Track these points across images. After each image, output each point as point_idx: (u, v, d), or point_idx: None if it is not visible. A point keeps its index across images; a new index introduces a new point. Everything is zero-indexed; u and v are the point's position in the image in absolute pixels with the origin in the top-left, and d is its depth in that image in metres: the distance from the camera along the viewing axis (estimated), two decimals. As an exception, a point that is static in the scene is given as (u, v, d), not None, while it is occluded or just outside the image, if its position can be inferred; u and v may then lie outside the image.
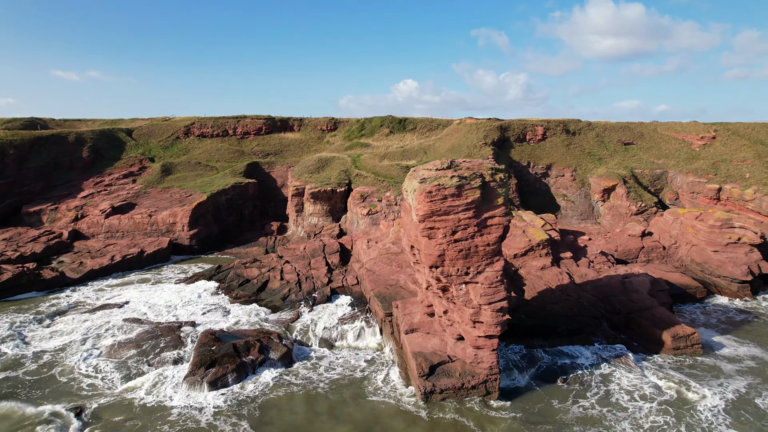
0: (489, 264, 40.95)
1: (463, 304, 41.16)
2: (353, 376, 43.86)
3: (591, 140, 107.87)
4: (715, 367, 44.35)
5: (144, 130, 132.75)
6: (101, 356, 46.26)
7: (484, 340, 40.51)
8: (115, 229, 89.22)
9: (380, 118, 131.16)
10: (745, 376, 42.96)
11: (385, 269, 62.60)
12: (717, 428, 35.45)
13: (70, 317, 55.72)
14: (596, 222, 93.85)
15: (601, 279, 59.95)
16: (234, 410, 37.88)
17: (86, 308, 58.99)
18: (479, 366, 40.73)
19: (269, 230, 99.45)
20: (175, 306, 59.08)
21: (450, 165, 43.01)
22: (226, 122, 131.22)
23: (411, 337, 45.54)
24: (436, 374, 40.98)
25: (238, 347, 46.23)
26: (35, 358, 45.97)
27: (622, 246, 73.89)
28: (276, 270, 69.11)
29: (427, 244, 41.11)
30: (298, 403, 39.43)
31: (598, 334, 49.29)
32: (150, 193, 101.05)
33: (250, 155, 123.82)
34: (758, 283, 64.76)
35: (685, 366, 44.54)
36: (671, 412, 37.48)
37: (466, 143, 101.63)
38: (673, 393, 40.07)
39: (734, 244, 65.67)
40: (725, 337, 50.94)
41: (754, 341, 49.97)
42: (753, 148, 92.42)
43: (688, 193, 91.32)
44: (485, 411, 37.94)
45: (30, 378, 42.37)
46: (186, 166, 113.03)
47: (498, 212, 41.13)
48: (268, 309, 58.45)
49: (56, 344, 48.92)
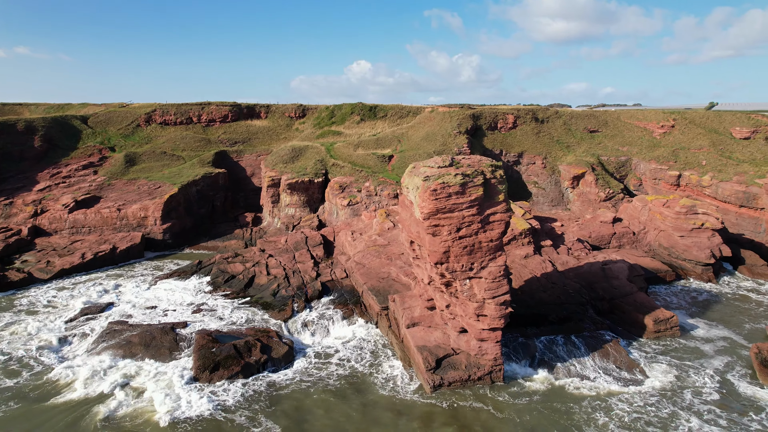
0: (492, 259, 42.13)
1: (467, 299, 42.25)
2: (359, 371, 44.33)
3: (559, 128, 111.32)
4: (695, 349, 47.83)
5: (101, 118, 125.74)
6: (88, 363, 44.46)
7: (488, 332, 41.88)
8: (80, 225, 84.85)
9: (350, 105, 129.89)
10: (722, 356, 46.68)
11: (375, 262, 62.97)
12: (705, 403, 38.53)
13: (49, 322, 53.00)
14: (566, 208, 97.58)
15: (582, 266, 62.76)
16: (250, 413, 37.55)
17: (65, 311, 56.23)
18: (484, 358, 42.14)
19: (244, 222, 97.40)
20: (161, 306, 57.27)
21: (451, 162, 43.60)
22: (189, 109, 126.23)
23: (413, 331, 46.38)
24: (442, 367, 42.10)
25: (239, 348, 45.65)
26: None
27: (596, 232, 77.38)
28: (261, 265, 68.08)
29: (431, 241, 41.75)
30: (314, 402, 39.62)
31: (586, 320, 51.86)
32: (115, 186, 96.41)
33: (217, 144, 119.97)
34: (718, 265, 69.67)
35: (669, 349, 47.75)
36: (665, 392, 40.29)
37: (440, 132, 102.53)
38: (663, 375, 43.00)
39: (698, 229, 70.17)
40: (697, 319, 54.80)
41: (722, 322, 54.06)
42: (708, 136, 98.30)
43: (651, 180, 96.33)
44: (492, 400, 39.38)
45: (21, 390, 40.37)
46: (151, 156, 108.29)
47: (499, 209, 42.21)
48: (259, 306, 57.69)
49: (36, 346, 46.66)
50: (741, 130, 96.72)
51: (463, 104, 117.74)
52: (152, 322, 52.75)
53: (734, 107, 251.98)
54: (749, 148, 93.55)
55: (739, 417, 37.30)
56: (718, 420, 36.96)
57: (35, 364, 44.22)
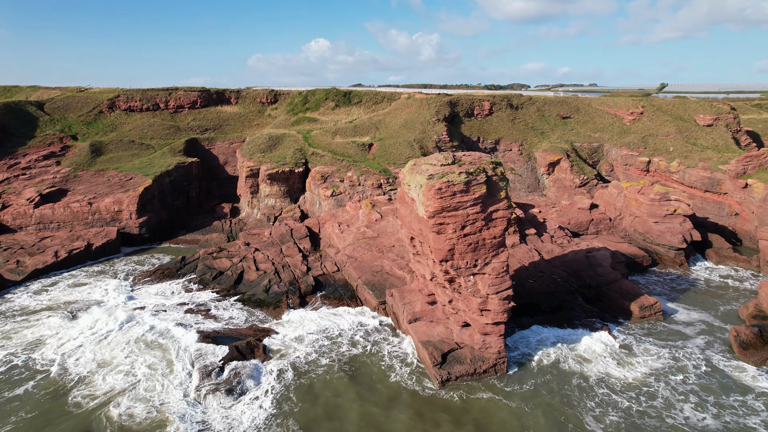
0: (495, 255, 43.00)
1: (471, 294, 43.10)
2: (367, 364, 44.56)
3: (533, 114, 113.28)
4: (678, 332, 50.76)
5: (59, 104, 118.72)
6: (87, 372, 42.95)
7: (491, 326, 42.97)
8: (48, 220, 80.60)
9: (324, 91, 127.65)
10: (703, 336, 49.96)
11: (367, 255, 63.01)
12: (691, 381, 41.23)
13: (24, 330, 50.61)
14: (542, 194, 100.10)
15: (567, 254, 64.88)
16: (272, 414, 37.33)
17: (40, 313, 53.73)
18: (488, 351, 43.29)
19: (221, 213, 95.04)
20: (151, 306, 55.49)
21: (454, 160, 43.86)
22: (156, 95, 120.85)
23: (416, 326, 47.02)
24: (448, 362, 43.00)
25: (241, 349, 45.16)
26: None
27: (574, 219, 79.91)
28: (248, 260, 66.92)
29: (436, 239, 42.15)
30: (331, 394, 40.29)
31: (577, 308, 53.94)
32: (82, 177, 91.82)
33: (187, 131, 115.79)
34: (690, 249, 73.49)
35: (653, 332, 50.48)
36: (656, 372, 42.73)
37: (418, 119, 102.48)
38: (652, 357, 45.53)
39: (671, 215, 73.56)
40: (676, 303, 57.92)
41: (699, 306, 57.39)
42: (675, 123, 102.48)
43: (622, 165, 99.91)
44: (499, 390, 40.68)
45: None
46: (118, 145, 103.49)
47: (501, 205, 42.97)
48: (253, 303, 56.88)
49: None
50: (704, 118, 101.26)
51: (440, 92, 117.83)
52: (148, 324, 51.11)
53: (683, 88, 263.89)
54: (712, 134, 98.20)
55: (720, 391, 40.63)
56: (705, 396, 39.96)
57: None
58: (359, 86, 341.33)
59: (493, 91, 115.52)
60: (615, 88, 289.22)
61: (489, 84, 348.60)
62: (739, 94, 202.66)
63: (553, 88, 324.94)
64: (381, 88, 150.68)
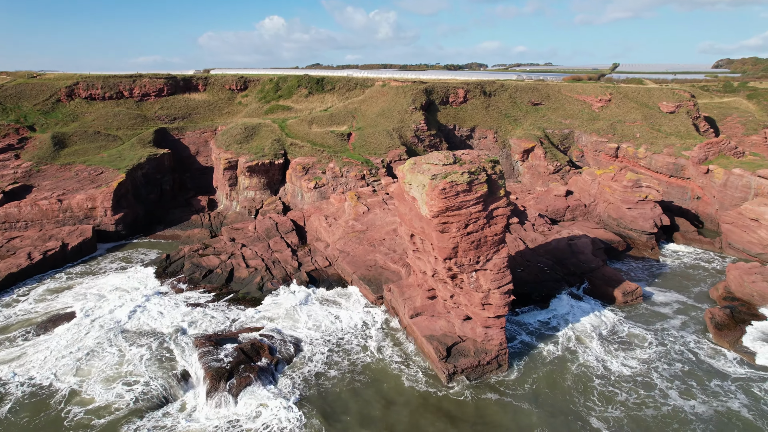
0: (496, 252, 44.47)
1: (473, 290, 44.55)
2: (376, 361, 45.54)
3: (506, 101, 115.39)
4: (659, 313, 54.54)
5: (10, 91, 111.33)
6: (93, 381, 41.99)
7: (493, 320, 44.68)
8: (14, 219, 76.52)
9: (296, 78, 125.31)
10: (680, 316, 54.20)
11: (359, 249, 63.51)
12: (674, 358, 44.67)
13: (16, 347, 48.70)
14: (517, 180, 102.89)
15: (550, 243, 67.51)
16: (291, 417, 37.80)
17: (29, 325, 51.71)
18: (490, 343, 45.05)
19: (198, 206, 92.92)
20: (142, 309, 54.17)
21: (455, 160, 44.69)
22: (119, 82, 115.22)
23: (418, 321, 48.25)
24: (452, 355, 44.51)
25: (246, 351, 45.08)
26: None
27: (551, 206, 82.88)
28: (237, 256, 66.10)
29: (440, 237, 43.14)
30: (346, 394, 41.05)
31: (564, 296, 56.59)
32: (47, 172, 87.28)
33: (155, 120, 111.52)
34: (660, 233, 77.86)
35: (636, 315, 53.99)
36: (643, 350, 45.88)
37: (395, 108, 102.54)
38: (639, 339, 48.77)
39: (643, 201, 77.50)
40: (652, 287, 61.68)
41: (673, 288, 61.42)
42: (641, 110, 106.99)
43: (592, 151, 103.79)
44: (503, 380, 42.67)
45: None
46: (83, 137, 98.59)
47: (501, 203, 44.31)
48: (248, 302, 56.56)
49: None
50: (667, 105, 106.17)
51: (416, 79, 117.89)
52: (144, 328, 50.11)
53: (634, 68, 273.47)
54: (674, 121, 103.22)
55: (698, 364, 45.04)
56: (685, 368, 44.27)
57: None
58: (317, 66, 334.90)
59: (467, 77, 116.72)
60: (570, 67, 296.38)
61: (448, 63, 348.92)
62: (686, 74, 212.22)
63: (510, 67, 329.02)
64: (348, 71, 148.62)
